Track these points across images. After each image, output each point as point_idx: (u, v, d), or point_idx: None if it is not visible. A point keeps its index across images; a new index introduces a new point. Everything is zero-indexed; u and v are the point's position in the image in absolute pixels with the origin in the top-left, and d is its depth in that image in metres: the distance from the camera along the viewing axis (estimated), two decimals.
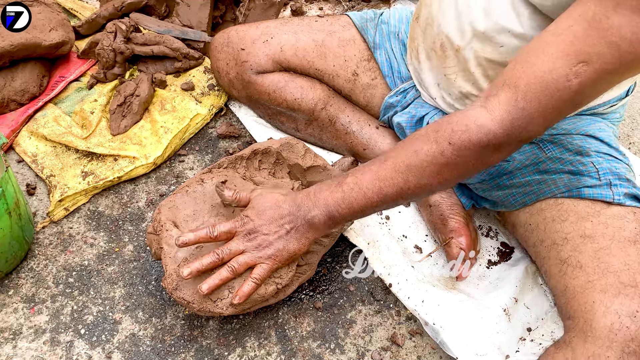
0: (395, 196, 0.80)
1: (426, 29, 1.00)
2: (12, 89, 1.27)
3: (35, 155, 1.22)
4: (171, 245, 0.94)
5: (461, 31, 0.92)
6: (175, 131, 1.24)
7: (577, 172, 0.92)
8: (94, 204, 1.17)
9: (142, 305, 1.03)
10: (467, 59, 0.94)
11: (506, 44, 0.87)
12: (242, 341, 0.99)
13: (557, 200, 0.92)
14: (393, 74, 1.15)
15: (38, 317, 1.00)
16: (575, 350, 0.76)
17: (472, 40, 0.91)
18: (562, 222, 0.89)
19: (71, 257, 1.08)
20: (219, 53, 1.23)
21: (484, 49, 0.91)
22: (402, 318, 1.04)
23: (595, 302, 0.78)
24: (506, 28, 0.86)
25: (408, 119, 1.09)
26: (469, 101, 1.00)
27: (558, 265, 0.86)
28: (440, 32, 0.97)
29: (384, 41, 1.16)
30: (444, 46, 0.97)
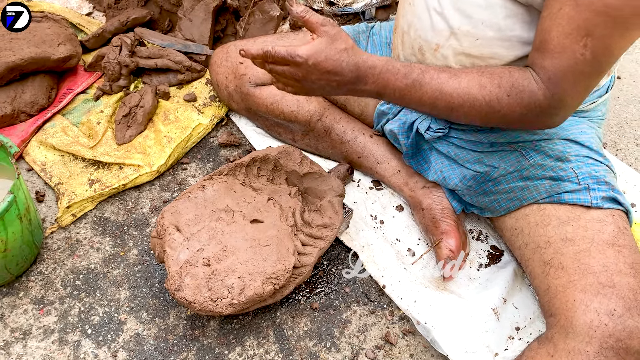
0: (442, 112, 0.90)
1: (403, 37, 1.06)
2: (22, 101, 1.33)
3: (44, 164, 1.27)
4: (174, 248, 0.99)
5: (437, 31, 0.97)
6: (178, 140, 1.30)
7: (558, 178, 0.96)
8: (100, 210, 1.22)
9: (146, 307, 1.07)
10: (446, 56, 0.99)
11: (481, 36, 0.92)
12: (241, 340, 1.04)
13: (540, 206, 0.96)
14: None
15: (47, 318, 1.05)
16: (557, 345, 0.81)
17: (450, 38, 0.96)
18: (545, 226, 0.94)
19: (78, 261, 1.13)
20: (218, 67, 1.28)
21: (461, 44, 0.95)
22: (395, 318, 1.08)
23: (576, 300, 0.82)
24: (480, 20, 0.91)
25: (400, 125, 1.14)
26: None
27: (541, 267, 0.91)
28: (417, 37, 1.02)
29: (375, 51, 1.20)
30: (422, 49, 1.02)
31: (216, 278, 0.95)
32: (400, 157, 1.22)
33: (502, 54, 0.92)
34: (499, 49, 0.92)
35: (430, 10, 0.97)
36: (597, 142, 1.04)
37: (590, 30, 0.76)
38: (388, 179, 1.23)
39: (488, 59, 0.94)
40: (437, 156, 1.11)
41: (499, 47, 0.92)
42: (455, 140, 1.08)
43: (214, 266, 0.96)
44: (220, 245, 0.99)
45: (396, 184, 1.22)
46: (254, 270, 0.95)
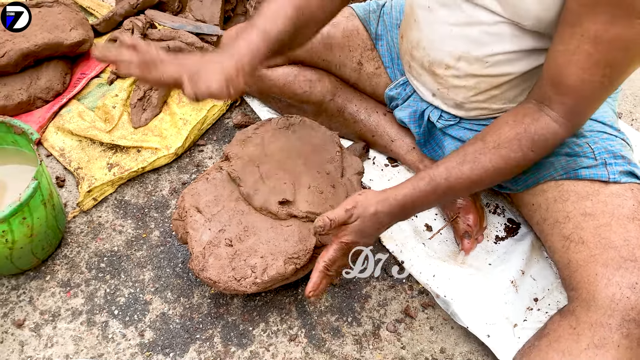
0: (477, 190, 0.93)
1: (413, 51, 1.07)
2: (37, 87, 1.34)
3: (63, 150, 1.28)
4: (196, 229, 1.01)
5: (447, 53, 0.99)
6: (193, 122, 1.31)
7: (574, 154, 0.96)
8: (121, 193, 1.24)
9: (170, 287, 1.10)
10: (457, 75, 1.01)
11: (491, 61, 0.95)
12: (265, 317, 1.06)
13: (558, 182, 0.97)
14: (394, 66, 1.20)
15: (74, 300, 1.08)
16: (579, 318, 0.82)
17: (459, 61, 0.98)
18: (563, 202, 0.94)
19: (102, 244, 1.15)
20: None
21: (471, 67, 0.97)
22: (414, 292, 1.10)
23: (598, 274, 0.83)
24: (489, 48, 0.93)
25: (410, 114, 1.14)
26: (463, 110, 1.07)
27: (561, 241, 0.92)
28: (426, 54, 1.03)
29: (386, 32, 1.20)
30: (432, 66, 1.03)
31: (239, 258, 0.97)
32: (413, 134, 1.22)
33: (511, 71, 0.95)
34: (508, 68, 0.94)
35: (439, 34, 0.98)
36: (611, 115, 1.04)
37: (609, 62, 0.77)
38: (403, 156, 1.24)
39: (498, 77, 0.97)
40: (450, 140, 1.12)
41: (508, 66, 0.94)
42: (467, 124, 1.08)
43: (237, 246, 0.98)
44: (242, 226, 1.00)
45: (411, 162, 1.23)
46: (275, 250, 0.97)
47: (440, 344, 1.04)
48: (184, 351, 1.01)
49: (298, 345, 1.03)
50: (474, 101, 1.03)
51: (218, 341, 1.03)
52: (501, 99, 1.01)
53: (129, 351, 1.01)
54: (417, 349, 1.03)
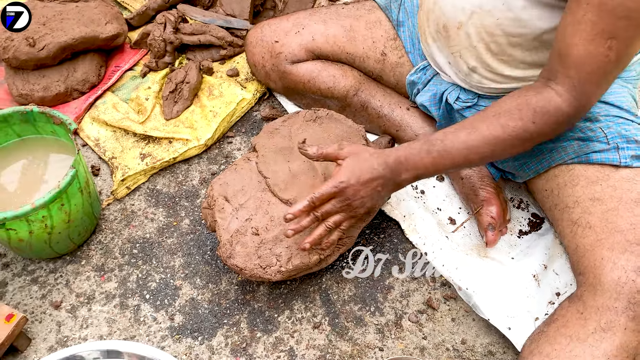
0: (478, 162, 0.93)
1: (429, 14, 1.08)
2: (74, 79, 1.39)
3: (98, 140, 1.33)
4: (224, 218, 1.04)
5: (460, 9, 0.99)
6: (223, 115, 1.34)
7: (586, 138, 0.97)
8: (153, 182, 1.28)
9: (199, 273, 1.14)
10: (469, 34, 1.01)
11: (501, 16, 0.95)
12: (290, 304, 1.09)
13: (569, 166, 0.98)
14: (414, 50, 1.21)
15: (108, 284, 1.12)
16: (586, 302, 0.83)
17: (472, 16, 0.98)
18: (573, 186, 0.95)
19: (134, 231, 1.20)
20: (254, 48, 1.31)
21: (483, 22, 0.97)
22: (437, 284, 1.12)
23: (604, 258, 0.85)
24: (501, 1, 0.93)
25: (430, 97, 1.16)
26: (476, 75, 1.07)
27: (570, 227, 0.93)
28: (441, 14, 1.04)
29: (407, 18, 1.22)
30: (447, 26, 1.04)
31: (265, 247, 1.00)
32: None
33: (520, 33, 0.95)
34: (518, 29, 0.95)
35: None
36: (630, 101, 1.03)
37: (613, 33, 0.78)
38: None
39: (508, 36, 0.97)
40: None
41: (518, 27, 0.94)
42: (484, 104, 1.09)
43: (263, 235, 1.01)
44: (268, 216, 1.03)
45: None
46: (300, 240, 1.00)
47: (461, 335, 1.06)
48: (211, 335, 1.05)
49: (322, 332, 1.06)
50: (485, 64, 1.03)
51: (244, 326, 1.06)
52: (510, 63, 1.01)
53: (160, 334, 1.06)
54: (438, 339, 1.05)
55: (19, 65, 1.35)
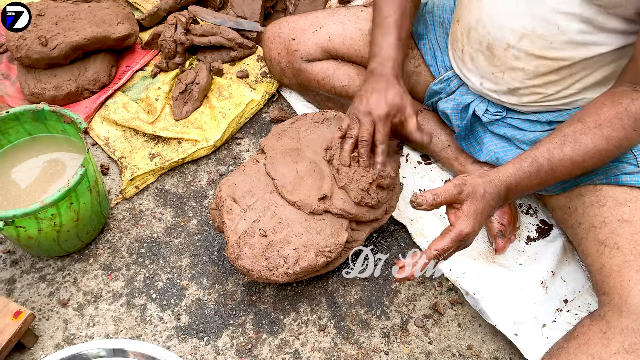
0: (579, 173, 0.90)
1: (470, 32, 1.05)
2: (85, 79, 1.40)
3: (108, 139, 1.34)
4: (232, 219, 1.04)
5: (509, 31, 0.97)
6: (232, 116, 1.35)
7: (616, 159, 0.96)
8: (161, 182, 1.28)
9: (206, 273, 1.14)
10: (517, 57, 0.99)
11: (555, 40, 0.93)
12: (296, 306, 1.09)
13: (596, 186, 0.96)
14: (437, 63, 1.20)
15: (115, 283, 1.13)
16: (609, 322, 0.82)
17: (522, 39, 0.96)
18: (600, 206, 0.94)
19: (142, 230, 1.20)
20: (271, 43, 1.31)
21: (534, 45, 0.95)
22: (443, 289, 1.11)
23: (631, 280, 0.84)
24: (556, 25, 0.91)
25: (454, 106, 1.15)
26: (515, 96, 1.05)
27: (596, 246, 0.92)
28: (487, 34, 1.01)
29: (428, 31, 1.21)
30: (492, 46, 1.01)
31: (272, 248, 1.00)
32: (449, 131, 1.23)
33: (574, 56, 0.94)
34: (572, 52, 0.93)
35: (503, 9, 0.96)
36: None
37: None
38: (437, 153, 1.25)
39: (559, 60, 0.95)
40: (491, 137, 1.12)
41: (572, 50, 0.93)
42: (512, 121, 1.09)
43: (270, 237, 1.01)
44: (276, 217, 1.03)
45: (446, 159, 1.24)
46: (308, 242, 1.00)
47: (467, 340, 1.05)
48: (217, 336, 1.05)
49: (327, 335, 1.05)
50: (529, 85, 1.02)
51: (250, 328, 1.06)
52: (558, 84, 1.00)
53: (166, 333, 1.06)
54: (444, 344, 1.05)
55: (31, 64, 1.36)
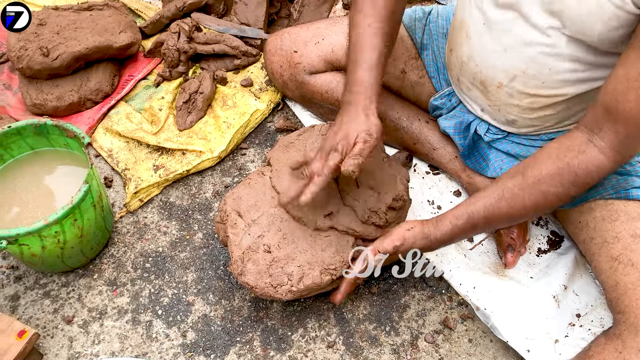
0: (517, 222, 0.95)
1: (462, 66, 1.05)
2: (87, 89, 1.38)
3: (111, 150, 1.32)
4: (236, 234, 1.03)
5: (501, 71, 0.97)
6: (237, 126, 1.33)
7: (625, 173, 0.94)
8: (166, 195, 1.27)
9: (212, 289, 1.12)
10: (511, 94, 0.99)
11: (548, 81, 0.93)
12: (303, 322, 1.07)
13: (607, 201, 0.95)
14: (439, 76, 1.19)
15: (120, 299, 1.11)
16: (625, 342, 0.81)
17: (514, 79, 0.96)
18: (612, 221, 0.92)
19: (147, 244, 1.19)
20: (272, 56, 1.29)
21: (527, 84, 0.96)
22: (454, 303, 1.10)
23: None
24: (547, 66, 0.91)
25: (455, 125, 1.13)
26: (514, 127, 1.06)
27: (609, 262, 0.90)
28: (479, 71, 1.01)
29: (432, 42, 1.19)
30: (485, 83, 1.02)
31: (276, 265, 0.98)
32: None
33: (567, 92, 0.93)
34: (565, 88, 0.93)
35: (494, 51, 0.96)
36: None
37: None
38: (445, 165, 1.23)
39: (554, 97, 0.95)
40: (496, 154, 1.11)
41: (565, 87, 0.93)
42: (515, 138, 1.07)
43: (275, 253, 0.99)
44: (280, 233, 1.02)
45: (453, 171, 1.22)
46: (312, 259, 0.98)
47: (478, 356, 1.03)
48: (224, 353, 1.04)
49: (336, 352, 1.04)
50: (526, 118, 1.02)
51: (257, 345, 1.05)
52: (555, 118, 1.00)
53: (172, 351, 1.04)
54: None
55: (32, 74, 1.34)
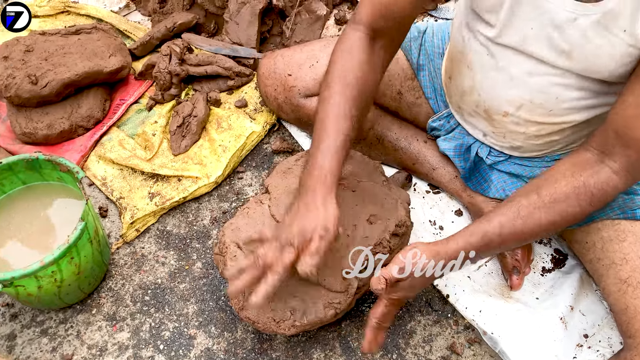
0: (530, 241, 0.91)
1: (464, 95, 1.05)
2: (79, 116, 1.35)
3: (105, 179, 1.30)
4: None
5: (506, 102, 0.96)
6: (233, 149, 1.30)
7: (631, 192, 0.93)
8: (162, 223, 1.24)
9: (214, 321, 1.10)
10: (516, 122, 0.98)
11: (554, 107, 0.92)
12: (308, 353, 1.05)
13: (614, 221, 0.94)
14: (436, 97, 1.17)
15: (120, 334, 1.09)
16: None
17: (520, 108, 0.95)
18: (620, 242, 0.92)
19: (145, 276, 1.16)
20: (266, 79, 1.26)
21: (533, 113, 0.95)
22: (460, 327, 1.08)
23: None
24: (555, 95, 0.90)
25: (455, 147, 1.12)
26: (518, 152, 1.06)
27: (617, 285, 0.89)
28: (482, 101, 1.01)
29: (428, 62, 1.17)
30: (489, 112, 1.01)
31: (278, 299, 0.96)
32: None
33: (575, 119, 0.93)
34: (573, 116, 0.92)
35: (498, 82, 0.95)
36: None
37: None
38: (445, 185, 1.21)
39: (561, 124, 0.95)
40: (498, 175, 1.10)
41: (572, 114, 0.92)
42: (518, 160, 1.06)
43: None
44: None
45: (454, 190, 1.20)
46: (315, 293, 0.96)
47: None
48: None
49: None
50: (532, 144, 1.01)
51: None
52: (561, 142, 0.99)
53: None
54: None
55: (21, 102, 1.31)
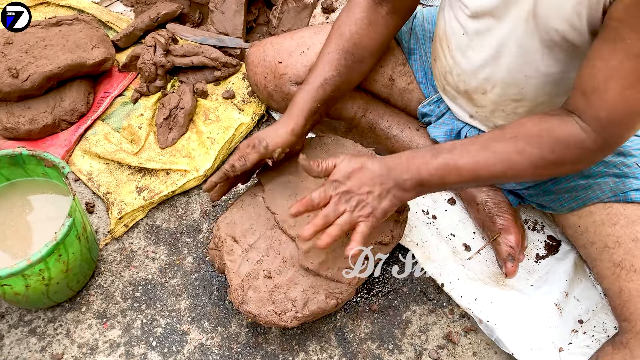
0: (487, 180, 0.84)
1: (446, 76, 1.05)
2: (62, 109, 1.32)
3: (91, 174, 1.27)
4: (233, 260, 0.99)
5: (482, 80, 0.97)
6: (221, 142, 1.28)
7: (622, 175, 0.93)
8: (151, 218, 1.22)
9: (207, 315, 1.08)
10: (495, 101, 0.99)
11: (526, 85, 0.92)
12: (304, 346, 1.04)
13: (606, 204, 0.94)
14: (427, 81, 1.16)
15: (111, 332, 1.07)
16: (633, 351, 0.80)
17: (494, 88, 0.96)
18: (612, 225, 0.91)
19: (135, 272, 1.14)
20: (255, 67, 1.24)
21: (507, 92, 0.96)
22: (455, 316, 1.08)
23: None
24: (524, 72, 0.90)
25: (445, 132, 1.11)
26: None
27: (611, 268, 0.89)
28: (461, 81, 1.01)
29: (419, 46, 1.16)
30: (469, 92, 1.02)
31: (279, 291, 0.95)
32: None
33: (545, 93, 0.93)
34: (542, 91, 0.92)
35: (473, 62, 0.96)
36: None
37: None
38: None
39: (536, 99, 0.94)
40: None
41: (541, 89, 0.92)
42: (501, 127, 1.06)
43: (276, 279, 0.96)
44: (280, 256, 0.98)
45: None
46: (316, 283, 0.95)
47: None
48: None
49: None
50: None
51: None
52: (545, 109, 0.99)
53: None
54: None
55: (1, 97, 1.27)
